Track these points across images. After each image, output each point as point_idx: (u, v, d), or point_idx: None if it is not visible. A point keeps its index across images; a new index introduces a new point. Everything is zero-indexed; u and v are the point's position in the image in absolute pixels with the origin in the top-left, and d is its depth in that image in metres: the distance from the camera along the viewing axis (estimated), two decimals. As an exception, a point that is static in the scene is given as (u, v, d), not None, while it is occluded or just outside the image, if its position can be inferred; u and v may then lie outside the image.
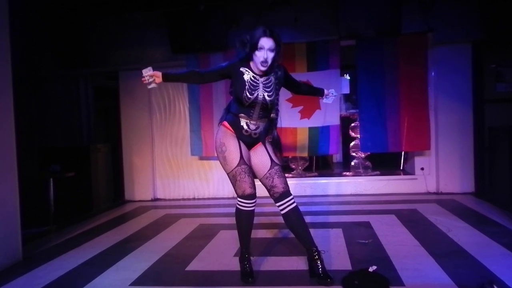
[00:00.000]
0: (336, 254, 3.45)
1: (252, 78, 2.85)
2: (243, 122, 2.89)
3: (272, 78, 2.91)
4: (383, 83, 5.92)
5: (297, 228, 2.95)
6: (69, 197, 5.67)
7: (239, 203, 2.96)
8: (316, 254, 2.86)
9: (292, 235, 4.07)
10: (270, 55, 2.77)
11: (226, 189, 6.62)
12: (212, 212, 5.65)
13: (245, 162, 2.90)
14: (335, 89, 6.10)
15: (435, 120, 6.02)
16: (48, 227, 5.05)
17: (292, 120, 6.14)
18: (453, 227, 4.14)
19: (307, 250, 2.93)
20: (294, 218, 2.93)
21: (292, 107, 6.18)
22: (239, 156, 2.88)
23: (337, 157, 8.74)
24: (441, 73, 5.98)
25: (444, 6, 5.76)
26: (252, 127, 2.90)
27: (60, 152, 6.15)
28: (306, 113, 6.15)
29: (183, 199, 6.71)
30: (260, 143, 2.99)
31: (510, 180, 4.93)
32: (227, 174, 2.93)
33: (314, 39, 6.03)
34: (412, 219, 4.55)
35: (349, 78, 7.72)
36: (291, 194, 2.94)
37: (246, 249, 3.04)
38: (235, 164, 2.87)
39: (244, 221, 2.99)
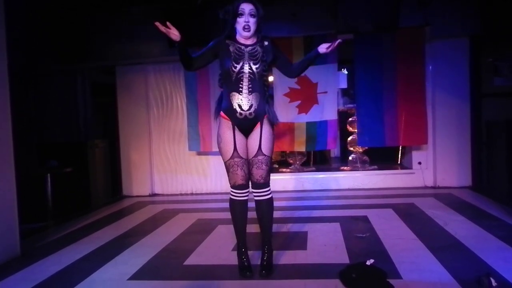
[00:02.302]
0: (334, 248, 3.46)
1: (238, 48, 2.85)
2: (235, 104, 2.83)
3: (258, 48, 2.89)
4: (380, 78, 5.92)
5: (264, 219, 3.04)
6: (67, 193, 5.66)
7: (231, 193, 3.00)
8: (266, 249, 3.02)
9: (290, 230, 4.11)
10: (252, 20, 2.81)
11: (224, 184, 6.60)
12: (210, 207, 5.65)
13: (238, 155, 2.91)
14: (333, 84, 6.20)
15: (433, 115, 6.03)
16: (46, 223, 5.06)
17: (289, 115, 6.13)
18: (450, 220, 4.15)
19: (262, 242, 3.06)
20: (265, 209, 3.00)
21: (290, 102, 6.17)
22: (232, 148, 2.90)
23: (334, 151, 8.75)
24: (438, 68, 5.98)
25: (442, 0, 5.75)
26: (245, 106, 2.83)
27: (58, 148, 6.13)
28: (303, 108, 6.15)
29: (181, 194, 6.71)
30: (258, 125, 2.92)
31: (507, 174, 4.95)
32: (224, 163, 2.99)
33: (312, 33, 6.01)
34: (409, 213, 4.57)
35: (346, 72, 7.71)
36: (268, 186, 2.98)
37: (242, 243, 3.05)
38: (228, 157, 2.92)
39: (238, 211, 3.00)
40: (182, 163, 6.75)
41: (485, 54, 5.90)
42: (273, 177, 6.30)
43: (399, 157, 7.12)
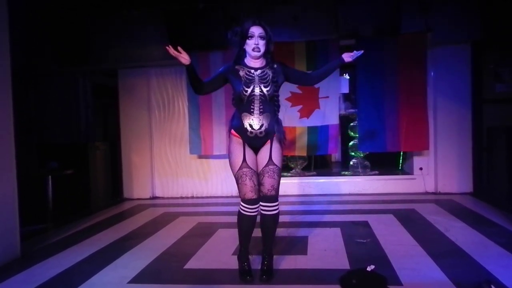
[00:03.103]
0: (334, 253, 3.46)
1: (247, 73, 2.90)
2: (246, 124, 2.88)
3: (268, 71, 2.93)
4: (382, 83, 5.92)
5: (267, 233, 3.04)
6: (68, 195, 5.66)
7: (241, 206, 2.94)
8: (267, 255, 3.04)
9: (290, 235, 4.11)
10: (261, 42, 2.84)
11: (224, 188, 6.62)
12: (210, 210, 5.65)
13: (247, 165, 2.91)
14: (335, 89, 6.20)
15: (434, 120, 6.03)
16: (46, 225, 5.05)
17: (291, 119, 6.14)
18: (451, 227, 4.15)
19: (263, 252, 3.07)
20: (270, 225, 3.01)
21: (291, 106, 6.18)
22: (241, 159, 2.90)
23: (336, 156, 8.75)
24: (440, 73, 5.99)
25: (444, 6, 5.77)
26: (256, 126, 2.87)
27: (59, 150, 6.12)
28: (305, 112, 6.16)
29: (182, 198, 6.71)
30: (268, 142, 2.96)
31: (508, 180, 4.94)
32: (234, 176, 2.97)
33: (314, 38, 6.03)
34: (410, 219, 4.56)
35: (348, 77, 7.72)
36: (277, 201, 2.97)
37: (245, 248, 3.05)
38: (237, 167, 2.91)
39: (245, 225, 2.98)
40: (183, 166, 6.75)
41: (487, 60, 5.91)
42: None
43: (400, 162, 7.12)
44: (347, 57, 3.04)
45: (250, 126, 2.88)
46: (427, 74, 5.90)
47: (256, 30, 2.84)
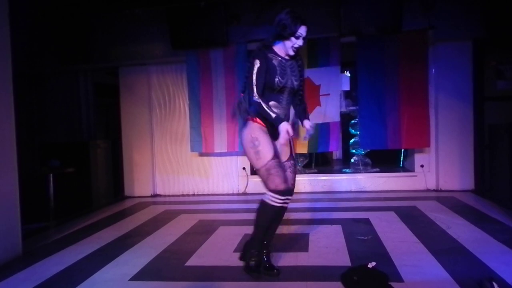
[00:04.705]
0: (336, 250, 3.46)
1: (280, 63, 2.87)
2: (272, 113, 2.78)
3: (295, 64, 2.94)
4: (383, 80, 5.91)
5: (276, 224, 3.04)
6: (69, 193, 5.66)
7: (270, 197, 2.81)
8: (266, 251, 2.99)
9: (291, 232, 4.11)
10: (303, 43, 2.88)
11: (225, 185, 6.63)
12: (211, 208, 5.65)
13: (278, 156, 2.88)
14: (336, 86, 6.18)
15: (435, 118, 6.02)
16: (48, 223, 5.06)
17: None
18: (453, 224, 4.14)
19: (266, 244, 2.99)
20: (282, 215, 3.01)
21: (292, 103, 6.16)
22: (273, 150, 2.84)
23: (337, 154, 8.74)
24: (441, 71, 5.97)
25: (445, 3, 5.75)
26: (281, 116, 2.83)
27: (60, 148, 6.14)
28: (306, 110, 6.14)
29: (183, 195, 6.71)
30: None
31: (509, 177, 4.93)
32: (259, 168, 2.84)
33: (315, 35, 6.00)
34: (411, 216, 4.56)
35: (349, 75, 7.71)
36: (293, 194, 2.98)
37: (267, 242, 2.98)
38: (270, 157, 2.81)
39: (272, 217, 2.88)
40: (184, 164, 6.75)
41: (488, 57, 5.90)
42: (275, 179, 6.30)
43: (402, 159, 7.11)
44: (306, 124, 3.01)
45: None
46: (428, 71, 5.89)
47: (303, 32, 2.84)
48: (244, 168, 6.54)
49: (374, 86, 5.94)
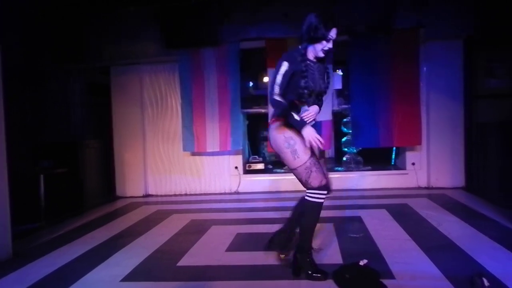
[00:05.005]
0: (327, 248, 3.46)
1: (309, 67, 2.84)
2: (296, 116, 2.77)
3: (322, 67, 2.94)
4: (375, 79, 5.94)
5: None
6: (60, 193, 5.61)
7: (315, 195, 2.79)
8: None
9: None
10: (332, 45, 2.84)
11: (217, 185, 6.62)
12: (203, 207, 5.64)
13: (314, 152, 2.86)
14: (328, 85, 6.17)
15: (427, 116, 6.06)
16: (39, 223, 5.01)
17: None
18: (444, 221, 4.17)
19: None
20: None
21: (284, 102, 6.16)
22: (309, 148, 2.82)
23: (329, 152, 8.75)
24: (432, 69, 6.01)
25: (436, 2, 5.79)
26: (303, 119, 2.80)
27: (51, 148, 6.08)
28: (298, 109, 6.14)
29: (175, 195, 6.69)
30: None
31: (499, 174, 4.98)
32: (298, 167, 2.81)
33: (307, 34, 6.01)
34: (403, 214, 4.58)
35: (341, 73, 7.72)
36: None
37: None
38: (309, 155, 2.80)
39: (318, 215, 2.85)
40: (176, 163, 6.73)
41: (479, 55, 5.93)
42: (267, 177, 6.31)
43: (393, 158, 7.14)
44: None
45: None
46: (419, 69, 5.92)
47: (334, 34, 2.82)
48: (236, 167, 6.53)
49: (366, 85, 5.96)
